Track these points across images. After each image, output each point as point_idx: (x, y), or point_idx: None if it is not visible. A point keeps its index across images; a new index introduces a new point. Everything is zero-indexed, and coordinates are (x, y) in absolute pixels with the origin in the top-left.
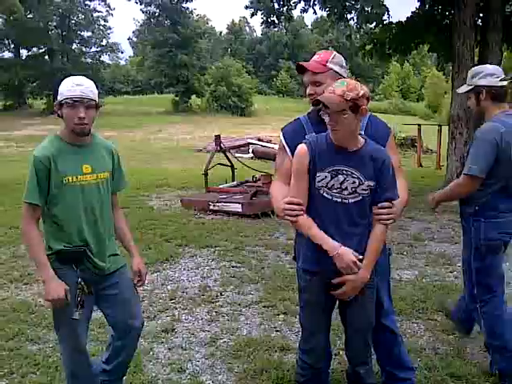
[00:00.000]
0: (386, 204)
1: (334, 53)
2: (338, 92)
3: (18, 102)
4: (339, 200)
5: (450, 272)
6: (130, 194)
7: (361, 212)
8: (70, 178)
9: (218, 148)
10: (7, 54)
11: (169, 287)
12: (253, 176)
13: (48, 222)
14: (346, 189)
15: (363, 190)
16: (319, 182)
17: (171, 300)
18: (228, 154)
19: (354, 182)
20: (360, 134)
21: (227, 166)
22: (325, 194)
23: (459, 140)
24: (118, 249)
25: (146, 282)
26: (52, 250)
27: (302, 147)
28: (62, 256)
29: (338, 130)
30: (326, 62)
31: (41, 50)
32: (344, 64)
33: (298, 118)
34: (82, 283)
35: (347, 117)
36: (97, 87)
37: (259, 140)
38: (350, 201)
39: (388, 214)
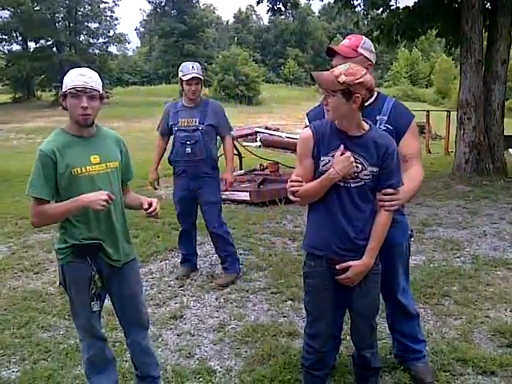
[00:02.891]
0: (389, 191)
1: (364, 38)
2: (335, 72)
3: (26, 95)
4: (342, 184)
5: (458, 257)
6: (138, 184)
7: (363, 197)
8: (79, 170)
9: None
10: (15, 47)
11: (177, 275)
12: (260, 164)
13: None
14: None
15: (365, 175)
16: (323, 166)
17: (180, 287)
18: (235, 142)
19: (357, 167)
20: (365, 120)
21: (235, 154)
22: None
23: (468, 125)
24: (131, 238)
25: (155, 269)
26: (67, 244)
27: (306, 131)
28: (77, 250)
29: (329, 110)
30: (357, 47)
31: (48, 42)
32: (373, 49)
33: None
34: (96, 277)
35: (336, 99)
36: (104, 78)
37: (267, 129)
38: (351, 185)
39: (391, 200)
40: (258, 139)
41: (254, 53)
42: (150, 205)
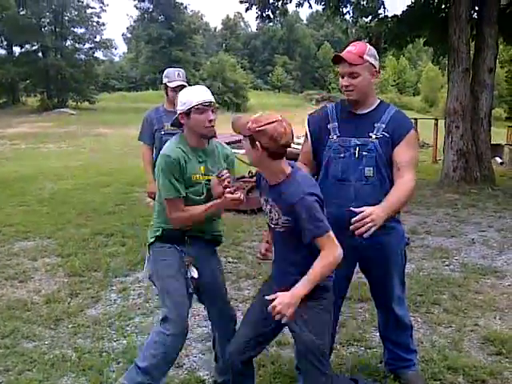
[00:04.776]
0: (358, 217)
1: (368, 45)
2: (243, 121)
3: (11, 100)
4: (272, 226)
5: (447, 265)
6: (125, 191)
7: (292, 241)
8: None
9: None
10: (0, 51)
11: None
12: (249, 171)
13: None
14: (272, 219)
15: (283, 222)
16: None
17: None
18: None
19: (275, 214)
20: (291, 166)
21: None
22: (268, 220)
23: (455, 133)
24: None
25: (142, 278)
26: (160, 229)
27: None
28: (165, 235)
29: (252, 163)
30: (363, 53)
31: (34, 47)
32: (377, 57)
33: (326, 106)
34: (187, 259)
35: (246, 145)
36: (90, 83)
37: None
38: (279, 230)
39: (363, 225)
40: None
41: (241, 60)
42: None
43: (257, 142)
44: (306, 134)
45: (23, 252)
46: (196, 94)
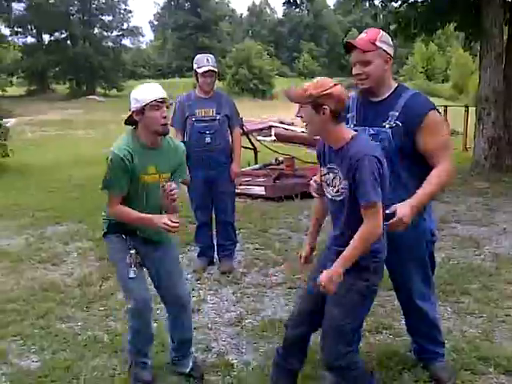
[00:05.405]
0: (389, 216)
1: (381, 31)
2: (304, 87)
3: (41, 87)
4: (329, 196)
5: (478, 255)
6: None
7: (350, 211)
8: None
9: (240, 131)
10: (30, 40)
11: (194, 268)
12: (276, 159)
13: None
14: (335, 186)
15: (342, 188)
16: (322, 175)
17: (197, 281)
18: (250, 136)
19: (339, 180)
20: (356, 130)
21: (250, 148)
22: (324, 188)
23: (487, 121)
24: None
25: None
26: (108, 221)
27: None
28: (115, 226)
29: (305, 124)
30: (375, 40)
31: (62, 35)
32: (391, 43)
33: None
34: (134, 249)
35: (307, 113)
36: (118, 71)
37: (281, 123)
38: (336, 198)
39: (392, 224)
40: (272, 133)
41: (267, 46)
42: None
43: (324, 106)
44: None
45: (55, 236)
46: (150, 91)
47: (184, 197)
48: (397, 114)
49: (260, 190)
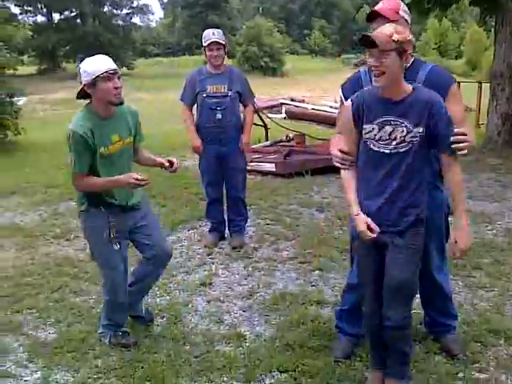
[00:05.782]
0: (459, 131)
1: (401, 1)
2: (385, 32)
3: (52, 66)
4: (387, 151)
5: (490, 230)
6: (164, 154)
7: (413, 162)
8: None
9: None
10: (40, 18)
11: (205, 243)
12: (286, 135)
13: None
14: (395, 139)
15: (412, 137)
16: (366, 133)
17: (208, 255)
18: (261, 113)
19: (402, 131)
20: (410, 83)
21: (260, 125)
22: (372, 146)
23: (501, 96)
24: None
25: (184, 237)
26: (85, 197)
27: (348, 102)
28: (93, 199)
29: (383, 72)
30: (398, 9)
31: (72, 14)
32: (409, 13)
33: (359, 71)
34: (112, 223)
35: (390, 59)
36: (128, 49)
37: (292, 100)
38: (399, 150)
39: (463, 141)
40: (283, 111)
41: (278, 24)
42: (171, 162)
43: (408, 52)
44: (341, 101)
45: (68, 212)
46: (100, 63)
47: (195, 173)
48: (420, 83)
49: (270, 167)
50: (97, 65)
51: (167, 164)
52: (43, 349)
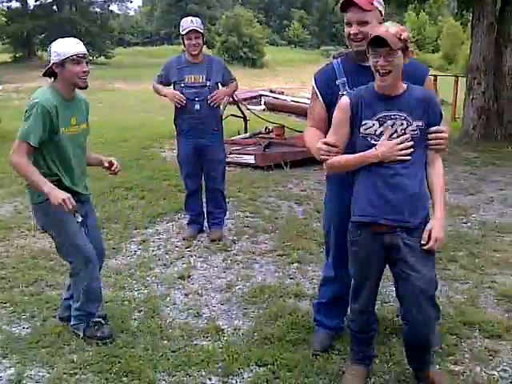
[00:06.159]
0: (433, 129)
1: None
2: (392, 31)
3: (27, 54)
4: None
5: (465, 223)
6: (142, 146)
7: (415, 156)
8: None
9: (231, 99)
10: (14, 4)
11: (184, 236)
12: (266, 127)
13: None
14: (396, 132)
15: (412, 130)
16: (365, 129)
17: (187, 248)
18: (241, 105)
19: (402, 124)
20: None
21: (240, 117)
22: (373, 142)
23: (477, 90)
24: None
25: (162, 230)
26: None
27: (344, 99)
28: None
29: (390, 70)
30: (373, 0)
31: (48, 0)
32: (383, 3)
33: (331, 63)
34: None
35: (399, 57)
36: (105, 38)
37: (271, 92)
38: None
39: (436, 138)
40: (262, 102)
41: (257, 14)
42: (111, 163)
43: (410, 49)
44: (315, 94)
45: None
46: (71, 46)
47: (174, 164)
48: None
49: (250, 159)
50: (67, 47)
51: (106, 164)
52: (17, 344)
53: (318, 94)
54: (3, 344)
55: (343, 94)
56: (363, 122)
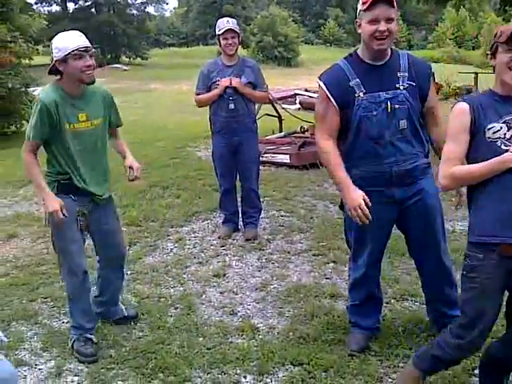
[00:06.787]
0: None
1: None
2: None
3: None
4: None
5: None
6: (177, 145)
7: None
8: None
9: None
10: (55, 8)
11: (219, 234)
12: (301, 127)
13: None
14: None
15: None
16: (493, 133)
17: (222, 247)
18: (275, 104)
19: None
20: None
21: (275, 116)
22: (503, 147)
23: None
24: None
25: (198, 228)
26: (55, 183)
27: (461, 105)
28: (61, 188)
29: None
30: None
31: (87, 3)
32: None
33: (337, 64)
34: (81, 210)
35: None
36: (142, 39)
37: (306, 91)
38: None
39: None
40: (297, 101)
41: (293, 13)
42: (131, 167)
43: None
44: (326, 98)
45: None
46: (72, 40)
47: (210, 163)
48: (406, 74)
49: (284, 158)
50: (68, 41)
51: (128, 168)
52: (57, 338)
53: (331, 97)
54: (44, 338)
55: (359, 96)
56: (489, 126)
